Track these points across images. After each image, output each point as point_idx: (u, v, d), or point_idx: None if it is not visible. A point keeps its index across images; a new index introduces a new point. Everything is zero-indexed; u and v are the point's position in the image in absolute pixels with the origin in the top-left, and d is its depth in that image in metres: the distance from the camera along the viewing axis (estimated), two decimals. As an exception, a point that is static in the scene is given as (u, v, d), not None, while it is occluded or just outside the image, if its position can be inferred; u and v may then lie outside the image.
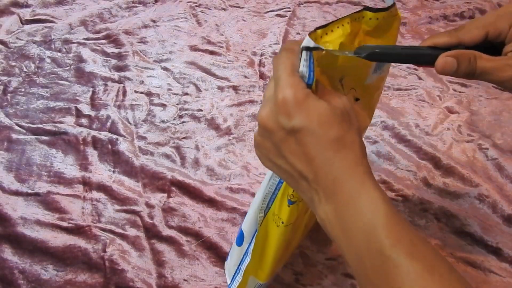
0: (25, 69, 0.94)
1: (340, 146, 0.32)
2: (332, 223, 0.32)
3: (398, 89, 0.91)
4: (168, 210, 0.68)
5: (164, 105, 0.86)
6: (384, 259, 0.28)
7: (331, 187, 0.32)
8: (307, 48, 0.33)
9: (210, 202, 0.69)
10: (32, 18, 1.09)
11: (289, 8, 1.14)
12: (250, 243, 0.48)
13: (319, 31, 0.36)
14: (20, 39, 1.02)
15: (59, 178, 0.72)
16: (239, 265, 0.51)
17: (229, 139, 0.80)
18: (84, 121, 0.83)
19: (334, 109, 0.33)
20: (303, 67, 0.33)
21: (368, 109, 0.52)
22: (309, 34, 0.34)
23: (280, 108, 0.33)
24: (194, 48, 1.01)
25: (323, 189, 0.33)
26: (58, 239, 0.64)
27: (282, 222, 0.45)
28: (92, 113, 0.84)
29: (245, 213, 0.68)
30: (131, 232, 0.65)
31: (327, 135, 0.32)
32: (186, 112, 0.85)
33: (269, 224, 0.46)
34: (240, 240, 0.51)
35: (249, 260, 0.48)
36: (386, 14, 0.40)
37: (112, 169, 0.74)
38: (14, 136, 0.79)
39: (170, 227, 0.66)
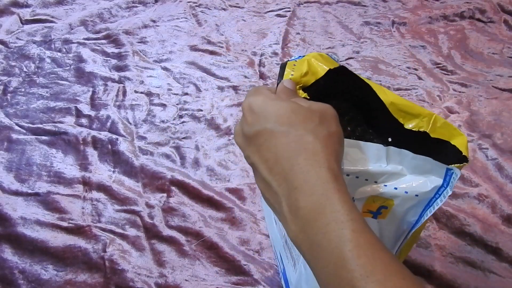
0: (25, 69, 0.94)
1: (300, 147, 0.30)
2: (301, 247, 0.29)
3: (398, 89, 0.91)
4: (168, 210, 0.68)
5: (164, 105, 0.86)
6: None
7: (293, 199, 0.29)
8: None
9: (210, 202, 0.69)
10: (32, 18, 1.09)
11: (289, 8, 1.14)
12: None
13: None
14: (20, 39, 1.02)
15: (59, 178, 0.72)
16: None
17: (229, 139, 0.80)
18: (84, 121, 0.83)
19: (298, 107, 0.32)
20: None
21: None
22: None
23: (243, 118, 0.33)
24: (194, 48, 1.01)
25: (287, 202, 0.29)
26: (58, 239, 0.64)
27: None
28: (92, 113, 0.84)
29: (245, 212, 0.68)
30: (131, 232, 0.65)
31: (286, 135, 0.30)
32: (186, 112, 0.85)
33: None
34: None
35: None
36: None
37: (112, 169, 0.74)
38: (14, 136, 0.79)
39: (170, 227, 0.66)
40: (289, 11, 1.13)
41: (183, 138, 0.80)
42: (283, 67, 0.42)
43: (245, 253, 0.63)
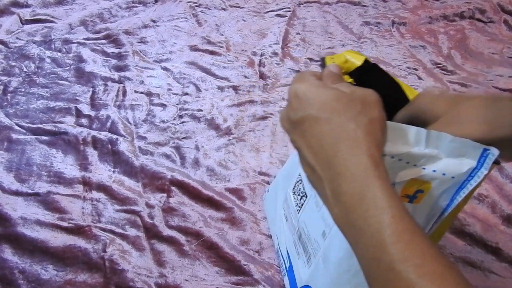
0: (25, 69, 0.94)
1: (342, 134, 0.31)
2: (343, 230, 0.30)
3: (398, 89, 0.91)
4: (168, 210, 0.68)
5: (164, 105, 0.86)
6: (395, 275, 0.26)
7: (335, 184, 0.30)
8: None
9: (210, 202, 0.69)
10: (32, 18, 1.09)
11: (289, 8, 1.14)
12: None
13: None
14: (20, 39, 1.02)
15: (59, 178, 0.72)
16: None
17: (229, 139, 0.80)
18: (84, 121, 0.83)
19: (341, 94, 0.32)
20: None
21: None
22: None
23: (289, 104, 0.34)
24: (194, 48, 1.01)
25: (330, 186, 0.31)
26: (58, 239, 0.64)
27: None
28: (92, 113, 0.84)
29: (245, 212, 0.67)
30: (131, 232, 0.65)
31: (329, 122, 0.31)
32: (186, 112, 0.85)
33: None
34: None
35: None
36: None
37: (112, 169, 0.74)
38: (14, 136, 0.79)
39: (170, 227, 0.66)
40: (289, 11, 1.13)
41: (183, 138, 0.80)
42: (323, 59, 0.43)
43: (245, 253, 0.63)
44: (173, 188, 0.71)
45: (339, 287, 0.47)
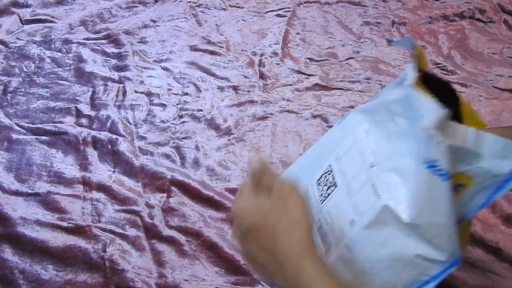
0: (25, 69, 0.94)
1: (277, 240, 0.37)
2: None
3: (398, 89, 0.91)
4: (168, 210, 0.68)
5: (164, 105, 0.86)
6: None
7: (283, 279, 0.38)
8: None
9: (210, 202, 0.69)
10: (32, 18, 1.09)
11: (289, 8, 1.14)
12: None
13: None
14: (20, 39, 1.02)
15: (59, 178, 0.72)
16: None
17: (229, 139, 0.80)
18: (84, 121, 0.83)
19: (263, 207, 0.39)
20: None
21: None
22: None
23: (234, 221, 0.41)
24: (194, 48, 1.01)
25: (282, 280, 0.38)
26: (58, 239, 0.64)
27: None
28: (92, 113, 0.84)
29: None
30: (131, 232, 0.65)
31: (261, 234, 0.38)
32: (186, 112, 0.85)
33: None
34: None
35: None
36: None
37: (112, 169, 0.74)
38: (14, 136, 0.79)
39: (170, 227, 0.66)
40: (289, 11, 1.13)
41: (183, 138, 0.80)
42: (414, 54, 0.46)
43: (245, 253, 0.63)
44: (173, 188, 0.71)
45: (366, 276, 0.47)
